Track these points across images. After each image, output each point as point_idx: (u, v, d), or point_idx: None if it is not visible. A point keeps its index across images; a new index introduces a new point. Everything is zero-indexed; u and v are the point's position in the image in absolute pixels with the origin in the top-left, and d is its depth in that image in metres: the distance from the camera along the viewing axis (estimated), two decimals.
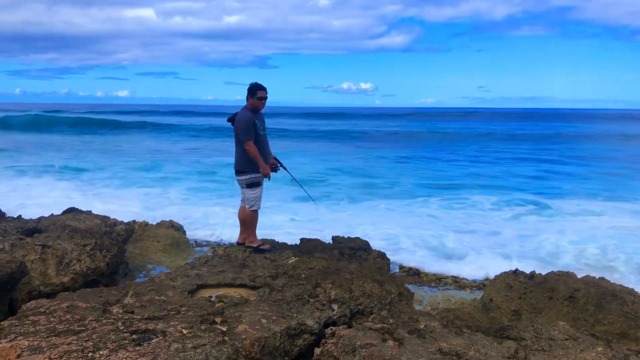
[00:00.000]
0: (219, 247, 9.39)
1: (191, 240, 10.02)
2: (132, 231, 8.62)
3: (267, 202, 13.41)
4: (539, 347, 3.74)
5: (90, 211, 8.38)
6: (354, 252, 6.96)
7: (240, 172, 6.53)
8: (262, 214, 6.94)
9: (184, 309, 4.29)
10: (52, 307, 4.17)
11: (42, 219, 7.57)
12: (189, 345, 3.65)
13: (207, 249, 9.84)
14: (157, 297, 4.57)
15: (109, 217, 8.22)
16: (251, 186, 6.48)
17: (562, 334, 3.90)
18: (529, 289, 6.06)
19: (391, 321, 4.14)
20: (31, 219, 7.61)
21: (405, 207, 14.34)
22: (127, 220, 8.99)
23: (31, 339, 3.59)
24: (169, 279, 5.28)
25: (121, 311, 4.23)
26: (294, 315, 4.37)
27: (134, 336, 3.74)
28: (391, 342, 3.70)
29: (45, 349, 3.46)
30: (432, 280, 8.51)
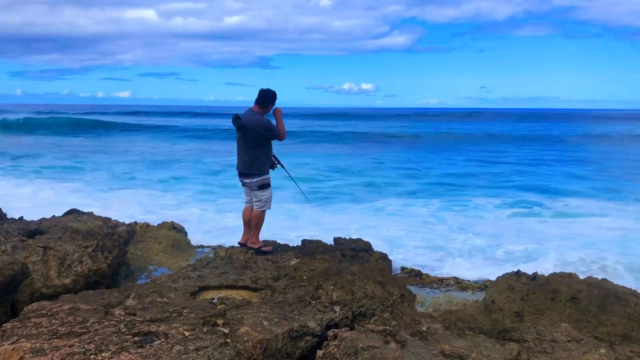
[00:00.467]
0: (220, 248, 9.39)
1: (192, 241, 10.00)
2: (133, 232, 8.62)
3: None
4: (542, 349, 3.73)
5: (91, 212, 8.38)
6: (356, 254, 6.95)
7: (249, 174, 6.43)
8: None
9: (185, 311, 4.29)
10: (54, 309, 4.17)
11: (43, 220, 7.57)
12: (191, 347, 3.64)
13: (208, 250, 9.84)
14: (159, 299, 4.57)
15: (110, 219, 8.22)
16: (262, 187, 6.46)
17: (564, 336, 3.89)
18: (531, 290, 6.04)
19: (393, 323, 4.13)
20: (32, 221, 7.61)
21: (406, 208, 14.33)
22: (128, 221, 8.99)
23: (33, 341, 3.59)
24: (170, 281, 5.28)
25: (123, 313, 4.22)
26: (296, 317, 4.36)
27: (136, 338, 3.74)
28: (393, 345, 3.69)
29: (47, 351, 3.46)
30: (434, 281, 8.50)
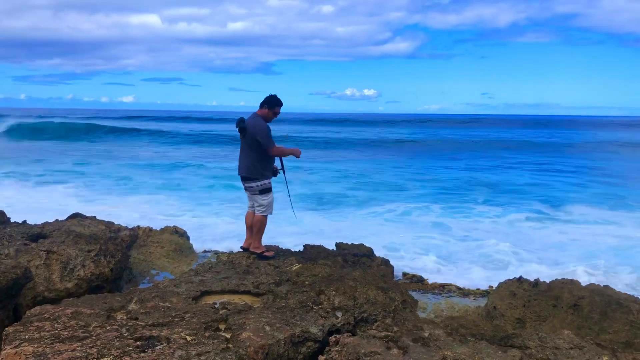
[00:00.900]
0: (222, 253, 9.40)
1: (195, 246, 10.01)
2: (136, 237, 8.63)
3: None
4: (544, 356, 3.73)
5: (94, 217, 8.39)
6: (358, 259, 6.95)
7: (251, 179, 6.43)
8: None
9: (188, 316, 4.29)
10: (57, 313, 4.18)
11: (46, 224, 7.58)
12: (193, 352, 3.65)
13: (210, 255, 9.84)
14: (161, 304, 4.58)
15: (113, 223, 8.23)
16: (264, 192, 6.45)
17: (567, 343, 3.89)
18: (533, 296, 6.04)
19: (395, 329, 4.13)
20: (36, 225, 7.63)
21: (409, 214, 14.34)
22: (131, 226, 9.00)
23: (36, 345, 3.60)
24: (173, 285, 5.28)
25: (125, 317, 4.23)
26: (298, 322, 4.36)
27: (138, 343, 3.74)
28: (395, 351, 3.69)
29: (49, 356, 3.47)
30: (436, 287, 8.49)
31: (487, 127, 78.99)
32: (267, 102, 6.42)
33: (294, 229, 11.88)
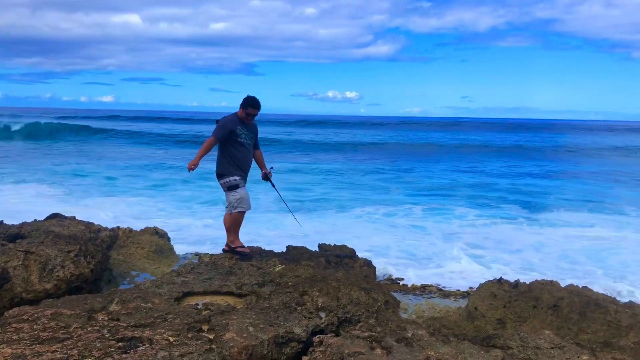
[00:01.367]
0: (205, 254, 9.32)
1: (175, 247, 9.91)
2: (116, 238, 8.53)
3: (253, 209, 13.37)
4: (525, 356, 3.77)
5: (74, 217, 8.26)
6: (340, 260, 6.96)
7: (219, 175, 6.52)
8: (247, 220, 6.92)
9: (170, 317, 4.25)
10: (36, 315, 4.11)
11: (24, 224, 7.44)
12: (176, 353, 3.62)
13: (191, 256, 9.76)
14: (143, 305, 4.53)
15: (93, 223, 8.11)
16: (230, 189, 6.45)
17: (547, 343, 3.94)
18: (514, 297, 6.10)
19: (379, 329, 4.15)
20: (13, 225, 7.47)
21: (390, 217, 14.41)
22: (110, 227, 8.88)
23: (14, 347, 3.53)
24: (154, 286, 5.23)
25: (107, 318, 4.17)
26: (282, 323, 4.35)
27: (120, 344, 3.70)
28: (379, 351, 3.70)
29: (29, 357, 3.41)
30: (417, 288, 8.55)
31: (467, 130, 79.71)
32: (242, 102, 6.50)
33: (276, 230, 11.87)
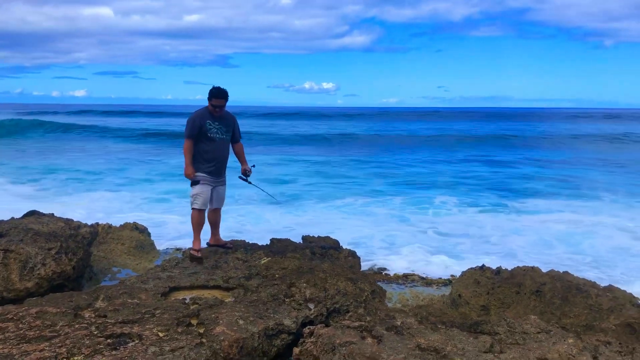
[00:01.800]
0: (188, 248, 9.23)
1: (156, 242, 9.80)
2: (96, 234, 8.42)
3: (235, 203, 13.30)
4: (513, 341, 3.84)
5: (52, 214, 8.12)
6: (325, 251, 6.97)
7: None
8: (228, 215, 6.88)
9: (158, 312, 4.22)
10: (20, 313, 4.05)
11: (1, 222, 7.29)
12: (167, 348, 3.59)
13: (172, 251, 9.67)
14: (129, 300, 4.48)
15: (72, 220, 7.99)
16: (192, 184, 6.41)
17: (534, 328, 4.01)
18: (497, 284, 6.19)
19: (368, 319, 4.17)
20: None
21: (369, 207, 14.46)
22: (88, 223, 8.74)
23: (1, 347, 3.47)
24: (140, 282, 5.18)
25: (93, 315, 4.12)
26: (271, 315, 4.35)
27: (109, 340, 3.66)
28: (370, 340, 3.72)
29: (16, 356, 3.35)
30: (399, 277, 8.62)
31: (443, 120, 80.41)
32: (208, 94, 6.21)
33: (258, 224, 11.82)
